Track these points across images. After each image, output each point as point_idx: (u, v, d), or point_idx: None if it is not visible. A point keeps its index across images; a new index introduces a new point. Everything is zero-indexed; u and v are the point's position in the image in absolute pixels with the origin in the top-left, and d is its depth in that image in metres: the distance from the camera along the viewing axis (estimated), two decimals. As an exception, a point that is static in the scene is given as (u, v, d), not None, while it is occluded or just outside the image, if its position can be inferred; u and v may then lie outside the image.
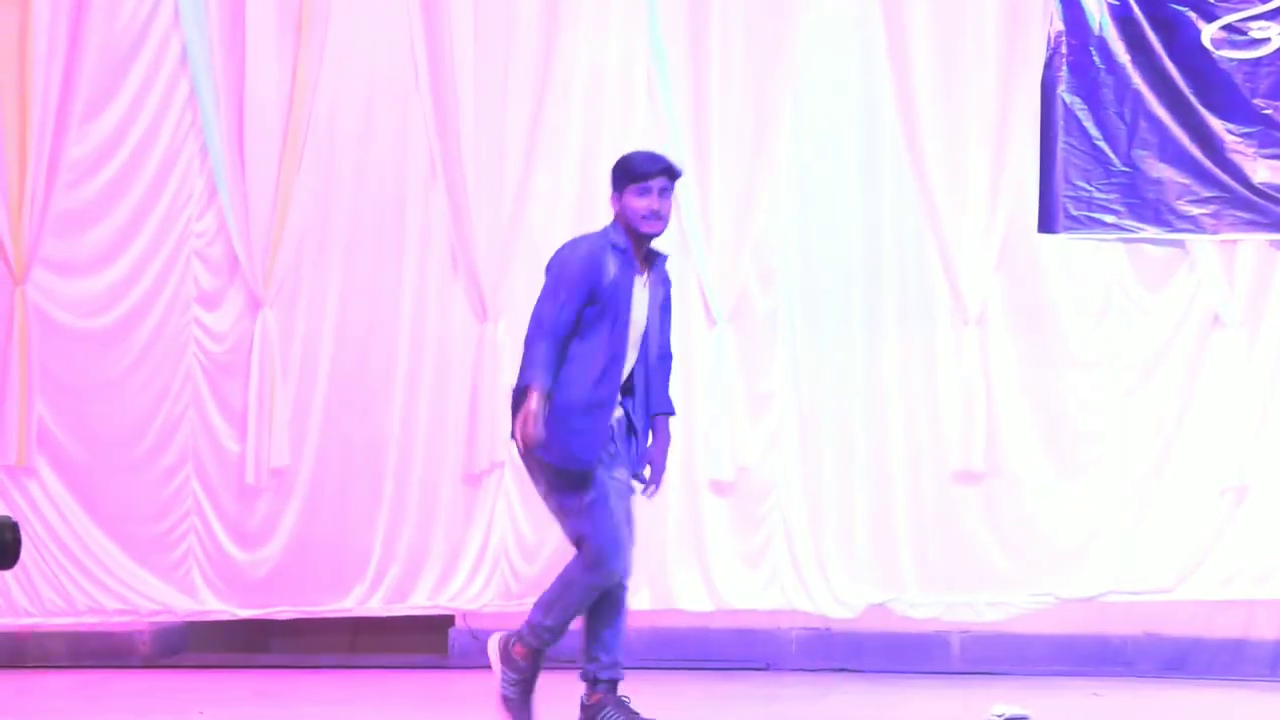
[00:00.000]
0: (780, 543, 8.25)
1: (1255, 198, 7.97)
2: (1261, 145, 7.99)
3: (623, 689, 6.34)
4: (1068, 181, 8.06)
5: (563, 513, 6.27)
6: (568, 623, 6.26)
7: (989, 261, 8.12)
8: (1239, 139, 8.00)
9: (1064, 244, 8.12)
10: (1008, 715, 6.97)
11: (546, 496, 6.31)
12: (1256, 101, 7.99)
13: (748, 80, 8.29)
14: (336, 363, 8.40)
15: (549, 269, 6.30)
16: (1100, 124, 8.08)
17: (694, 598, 8.27)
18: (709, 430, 8.21)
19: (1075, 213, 8.04)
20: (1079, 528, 8.09)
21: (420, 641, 8.76)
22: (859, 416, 8.22)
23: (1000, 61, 8.18)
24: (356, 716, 7.30)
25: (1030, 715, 6.98)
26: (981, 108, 8.18)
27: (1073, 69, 8.09)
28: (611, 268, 6.20)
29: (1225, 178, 8.00)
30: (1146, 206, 8.04)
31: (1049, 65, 8.11)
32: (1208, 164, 8.01)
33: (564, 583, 6.23)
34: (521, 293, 8.34)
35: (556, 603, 6.22)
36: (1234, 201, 7.99)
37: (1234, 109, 8.02)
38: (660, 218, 6.30)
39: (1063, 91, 8.10)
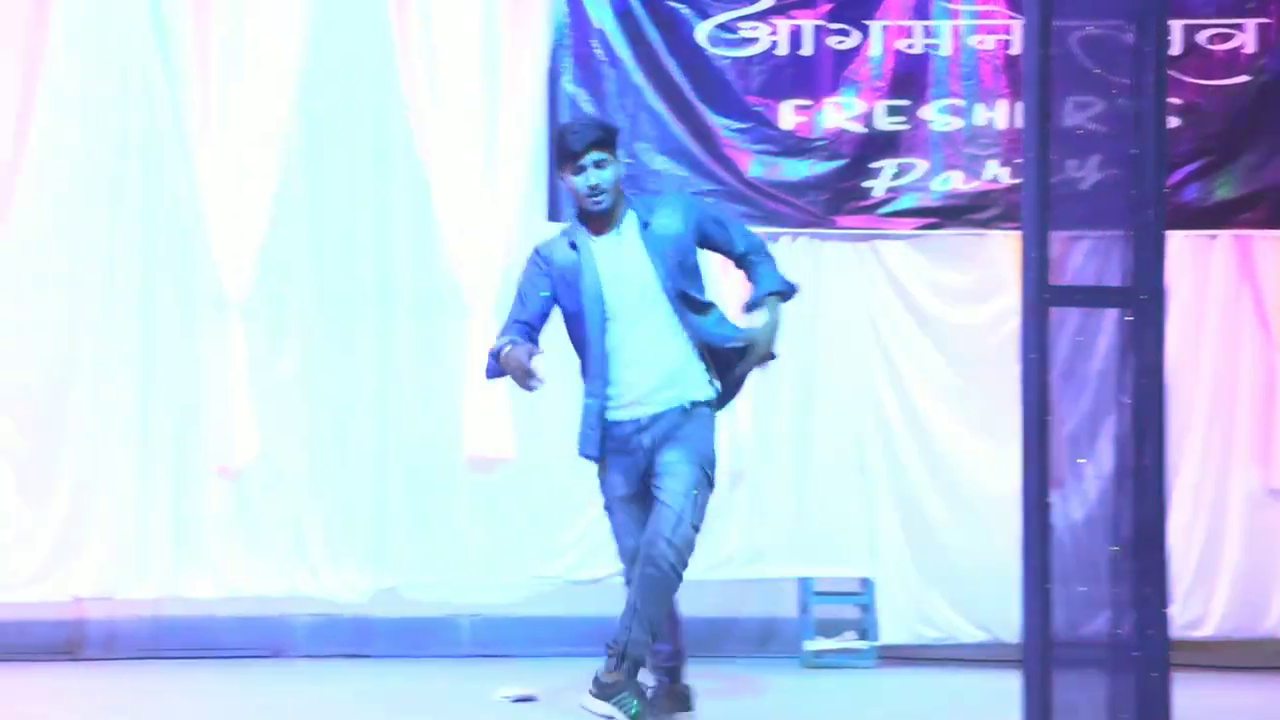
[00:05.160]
0: (290, 529, 8.19)
1: (748, 191, 8.25)
2: (754, 141, 8.27)
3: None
4: (572, 172, 8.22)
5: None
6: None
7: (499, 249, 8.19)
8: (733, 134, 8.27)
9: (571, 233, 8.27)
10: (514, 696, 7.09)
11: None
12: (749, 98, 8.25)
13: (253, 58, 8.16)
14: None
15: None
16: (603, 115, 8.22)
17: (200, 585, 8.14)
18: (220, 417, 8.09)
19: (580, 203, 8.21)
20: (586, 512, 8.24)
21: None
22: (370, 405, 8.23)
23: (507, 51, 8.25)
24: None
25: (537, 695, 7.11)
26: (490, 97, 8.26)
27: (576, 60, 8.23)
28: (558, 257, 6.18)
29: (720, 171, 8.26)
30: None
31: (553, 56, 8.23)
32: (703, 158, 8.25)
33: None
34: (14, 268, 8.07)
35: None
36: (728, 194, 8.24)
37: (728, 105, 8.27)
38: (601, 191, 6.11)
39: (566, 82, 8.23)
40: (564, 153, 6.21)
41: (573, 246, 6.20)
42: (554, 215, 8.19)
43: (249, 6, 8.18)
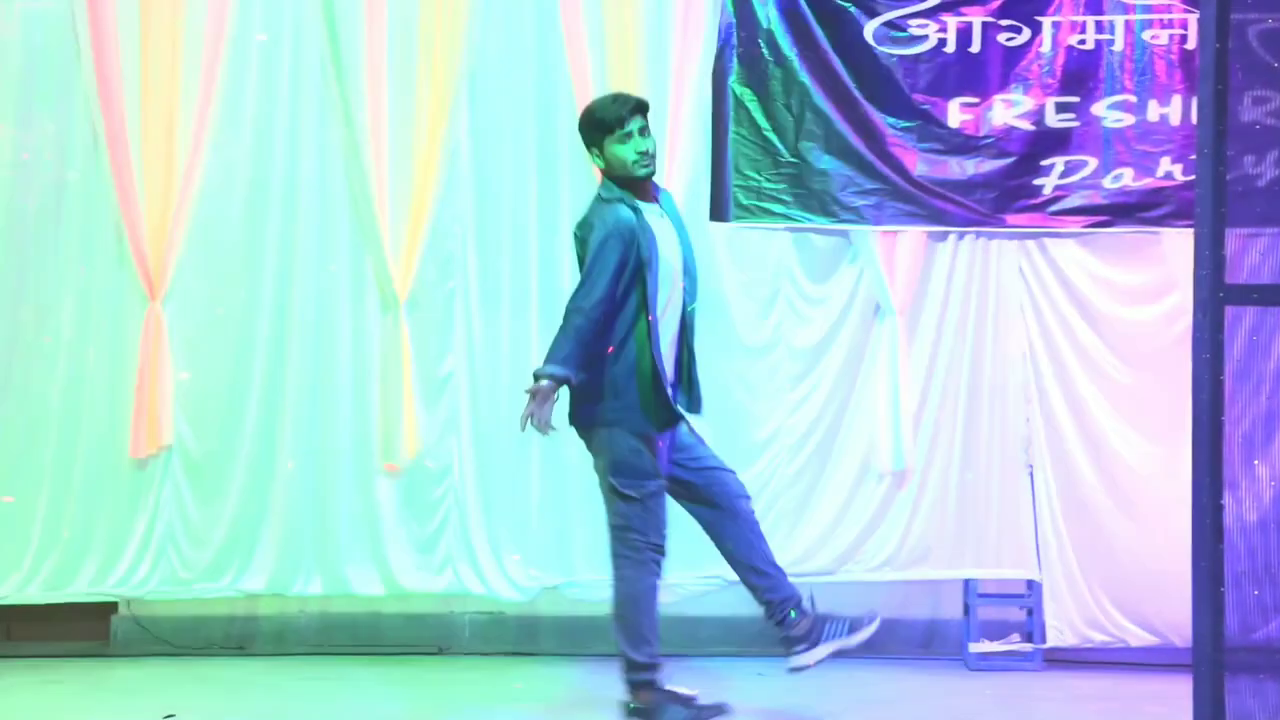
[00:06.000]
0: (455, 527, 8.24)
1: (915, 190, 8.18)
2: (920, 139, 8.20)
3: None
4: (738, 171, 8.19)
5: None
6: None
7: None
8: (899, 133, 8.20)
9: (735, 233, 8.26)
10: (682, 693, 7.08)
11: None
12: (916, 96, 8.18)
13: (424, 62, 8.25)
14: (-4, 342, 8.16)
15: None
16: (769, 115, 8.21)
17: (367, 582, 8.22)
18: (385, 414, 8.17)
19: (745, 202, 8.19)
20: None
21: (80, 629, 8.52)
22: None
23: (673, 51, 8.26)
24: (14, 706, 7.08)
25: (697, 695, 7.09)
26: (655, 97, 8.22)
27: (743, 60, 8.22)
28: (626, 220, 6.30)
29: (887, 170, 8.19)
30: (813, 197, 8.21)
31: (720, 56, 8.22)
32: (870, 156, 8.19)
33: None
34: (191, 270, 8.22)
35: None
36: (895, 194, 8.19)
37: (895, 103, 8.20)
38: (650, 155, 6.33)
39: (733, 83, 8.22)
40: (603, 124, 6.38)
41: (632, 210, 6.29)
42: (718, 214, 8.19)
43: (419, 5, 8.25)
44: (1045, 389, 8.23)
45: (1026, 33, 8.19)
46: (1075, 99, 8.16)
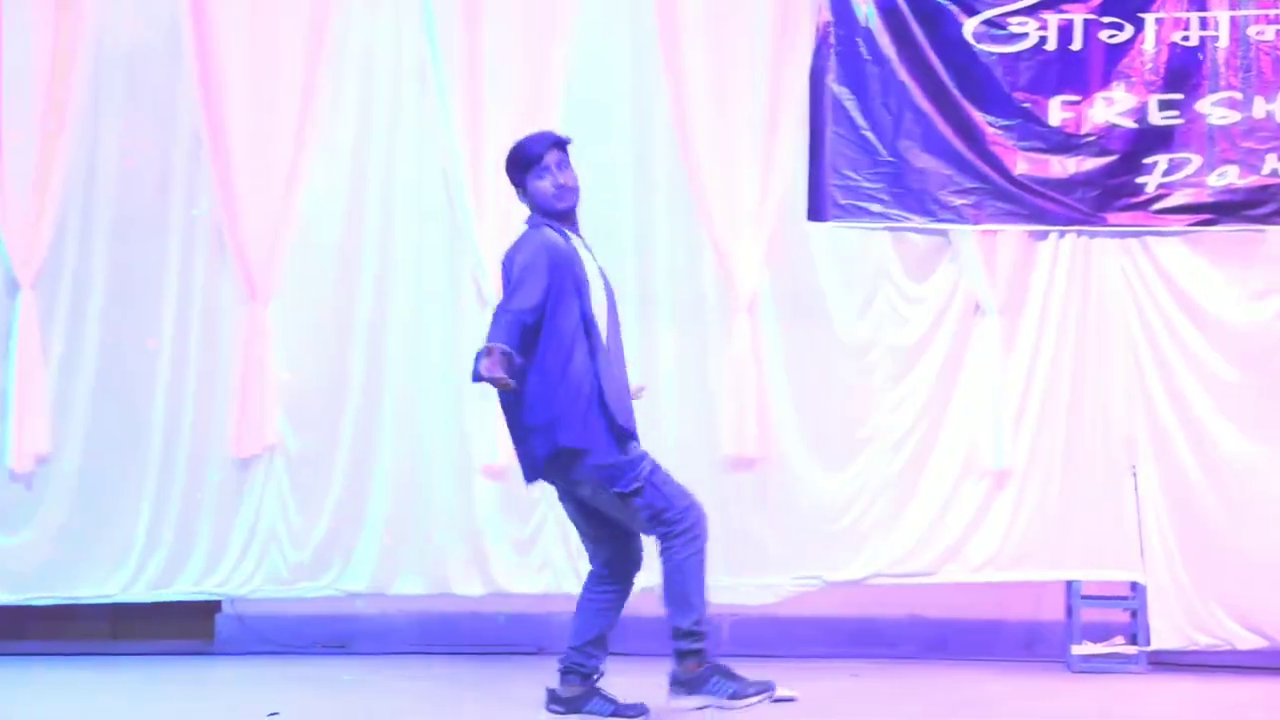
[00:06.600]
0: (552, 527, 8.24)
1: (1014, 189, 8.13)
2: (1021, 137, 8.15)
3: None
4: (836, 171, 8.16)
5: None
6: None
7: (760, 249, 8.19)
8: (999, 131, 8.16)
9: (832, 232, 8.22)
10: (774, 696, 7.06)
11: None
12: (1016, 94, 8.14)
13: (520, 63, 8.28)
14: (101, 344, 8.23)
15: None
16: (867, 114, 8.18)
17: (467, 582, 8.25)
18: (482, 415, 8.17)
19: (843, 201, 8.16)
20: (845, 512, 8.19)
21: (185, 628, 8.61)
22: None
23: (770, 50, 8.26)
24: (118, 704, 7.16)
25: (797, 695, 7.07)
26: (752, 96, 8.26)
27: (841, 60, 8.19)
28: (560, 245, 6.18)
29: (986, 169, 8.15)
30: (911, 196, 8.17)
31: (817, 55, 8.21)
32: (969, 155, 8.15)
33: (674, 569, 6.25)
34: (291, 272, 8.28)
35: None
36: (994, 192, 8.15)
37: (994, 101, 8.16)
38: (569, 188, 6.28)
39: (831, 82, 8.20)
40: (523, 161, 6.28)
41: (563, 236, 6.23)
42: (815, 214, 8.16)
43: (518, 8, 8.27)
44: (1149, 388, 8.13)
45: (1129, 29, 8.11)
46: (1179, 96, 8.08)
